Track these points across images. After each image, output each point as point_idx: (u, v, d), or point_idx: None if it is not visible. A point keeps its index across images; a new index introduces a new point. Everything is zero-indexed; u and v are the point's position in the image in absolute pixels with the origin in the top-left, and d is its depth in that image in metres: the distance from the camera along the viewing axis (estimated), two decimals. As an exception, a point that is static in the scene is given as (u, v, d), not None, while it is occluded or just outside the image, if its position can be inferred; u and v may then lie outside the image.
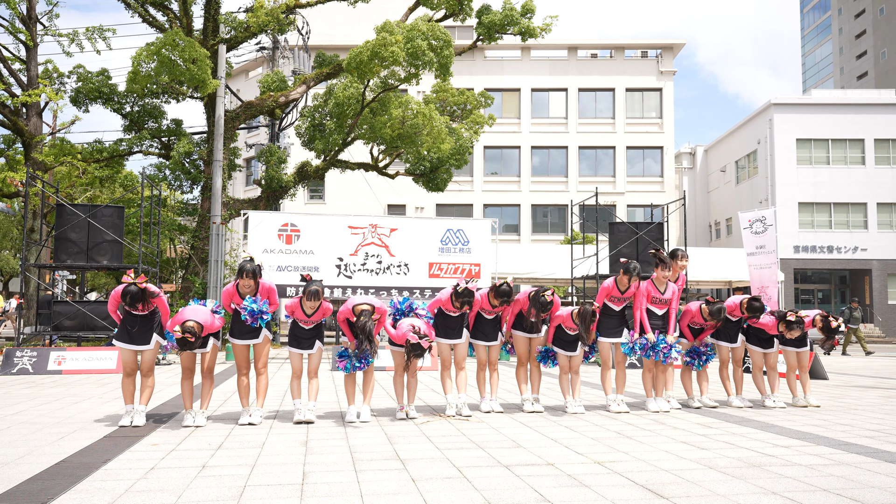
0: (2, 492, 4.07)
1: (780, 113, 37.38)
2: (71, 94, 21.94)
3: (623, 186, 41.84)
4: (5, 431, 6.15)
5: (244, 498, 3.94)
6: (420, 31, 18.91)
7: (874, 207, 36.54)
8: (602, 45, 44.03)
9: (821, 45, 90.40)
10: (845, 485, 4.31)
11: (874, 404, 8.56)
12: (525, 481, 4.37)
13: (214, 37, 21.11)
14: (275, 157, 22.56)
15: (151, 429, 6.30)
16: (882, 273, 35.59)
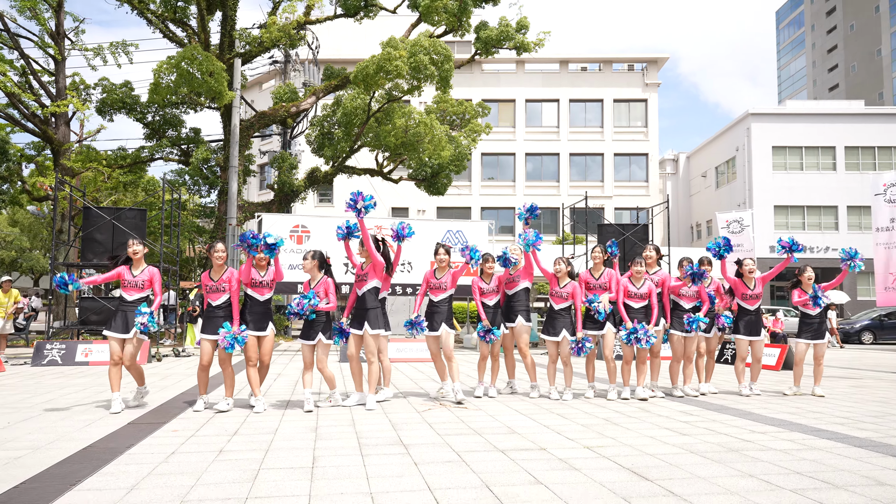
0: (34, 474, 4.08)
1: (757, 122, 37.41)
2: (96, 104, 21.96)
3: (611, 191, 41.86)
4: (36, 418, 6.16)
5: (258, 480, 3.95)
6: (422, 47, 18.92)
7: (844, 210, 36.62)
8: (591, 58, 44.02)
9: (795, 58, 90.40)
10: (817, 468, 4.32)
11: (844, 393, 8.56)
12: (519, 465, 4.38)
13: (230, 51, 21.11)
14: (287, 164, 22.57)
15: (172, 416, 6.30)
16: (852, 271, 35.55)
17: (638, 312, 7.58)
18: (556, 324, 7.65)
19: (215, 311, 6.63)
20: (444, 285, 7.49)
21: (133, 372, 6.82)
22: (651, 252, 8.00)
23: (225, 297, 6.66)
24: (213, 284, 6.64)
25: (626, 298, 7.62)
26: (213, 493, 3.69)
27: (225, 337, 6.37)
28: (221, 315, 6.61)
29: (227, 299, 6.67)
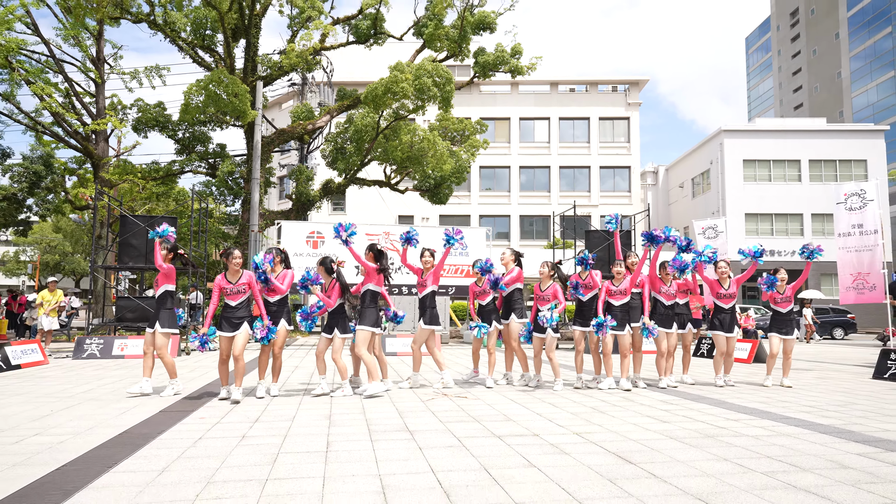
0: (75, 457, 4.08)
1: (730, 138, 37.40)
2: (132, 122, 22.02)
3: (597, 200, 41.85)
4: (77, 407, 6.16)
5: (277, 463, 3.95)
6: (426, 70, 18.95)
7: (809, 218, 36.59)
8: (579, 80, 44.09)
9: (763, 80, 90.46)
10: (786, 452, 4.31)
11: (810, 384, 8.54)
12: (515, 449, 4.37)
13: (253, 75, 21.17)
14: (303, 176, 22.60)
15: (200, 405, 6.30)
16: (816, 273, 35.55)
17: (619, 310, 7.56)
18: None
19: (233, 310, 6.56)
20: (426, 283, 7.64)
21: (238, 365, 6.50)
22: (634, 258, 7.98)
23: (243, 298, 6.61)
24: (231, 287, 6.58)
25: (608, 297, 7.62)
26: (237, 474, 3.69)
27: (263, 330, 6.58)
28: (239, 315, 6.57)
29: (245, 300, 6.62)
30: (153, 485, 3.47)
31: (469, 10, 21.06)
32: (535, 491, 3.39)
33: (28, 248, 50.45)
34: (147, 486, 3.45)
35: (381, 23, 22.11)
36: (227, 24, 19.61)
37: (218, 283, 6.63)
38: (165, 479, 3.59)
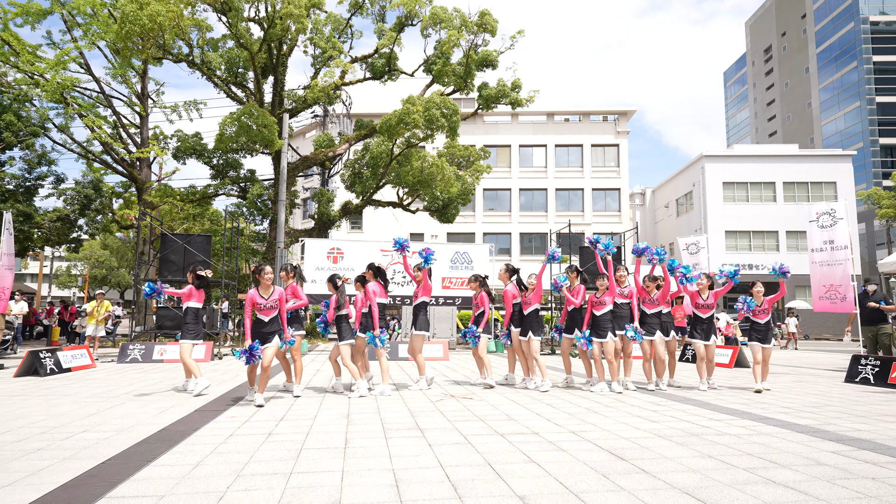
0: (118, 452, 4.09)
1: (710, 162, 37.36)
2: (173, 151, 22.29)
3: (590, 219, 41.79)
4: (120, 406, 6.18)
5: (300, 458, 3.94)
6: (435, 103, 19.11)
7: (784, 234, 36.36)
8: (572, 111, 44.28)
9: (740, 110, 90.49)
10: (765, 450, 4.26)
11: (787, 387, 8.44)
12: (516, 446, 4.34)
13: (280, 107, 21.41)
14: (325, 198, 22.75)
15: (231, 405, 6.31)
16: (791, 285, 35.24)
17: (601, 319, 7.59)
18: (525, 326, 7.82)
19: (265, 325, 6.33)
20: (418, 294, 7.77)
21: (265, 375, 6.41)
22: (623, 272, 7.95)
23: (274, 314, 6.41)
24: (264, 303, 6.33)
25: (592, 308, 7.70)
26: (264, 468, 3.68)
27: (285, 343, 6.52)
28: (271, 329, 6.36)
29: (276, 315, 6.43)
30: (188, 477, 3.47)
31: (473, 49, 21.26)
32: (535, 484, 3.36)
33: (78, 263, 50.87)
34: (183, 478, 3.46)
35: (394, 61, 22.35)
36: (258, 62, 19.90)
37: (251, 299, 6.34)
38: (199, 472, 3.60)
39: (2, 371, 9.98)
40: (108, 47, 20.60)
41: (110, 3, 20.20)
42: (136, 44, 17.07)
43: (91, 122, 19.69)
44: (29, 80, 19.10)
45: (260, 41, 19.33)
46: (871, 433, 4.90)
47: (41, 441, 4.46)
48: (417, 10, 20.87)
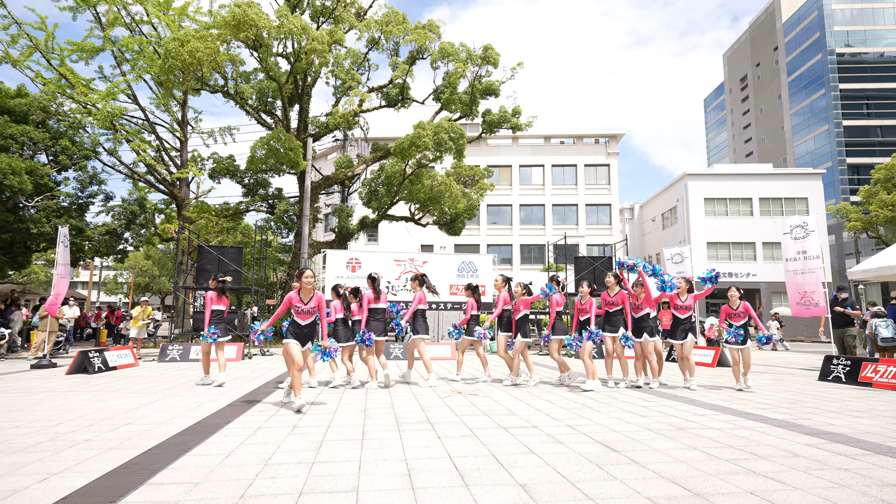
0: (158, 443, 4.10)
1: (693, 180, 37.21)
2: (209, 171, 22.46)
3: (584, 231, 41.68)
4: (160, 401, 6.20)
5: (322, 449, 3.93)
6: (443, 128, 19.20)
7: (760, 245, 36.06)
8: (567, 135, 44.33)
9: (719, 133, 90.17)
10: (746, 443, 4.20)
11: (765, 385, 8.32)
12: (517, 439, 4.31)
13: (304, 132, 21.59)
14: (344, 213, 22.85)
15: (259, 400, 6.30)
16: (767, 291, 34.99)
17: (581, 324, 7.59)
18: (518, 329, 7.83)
19: (302, 328, 5.77)
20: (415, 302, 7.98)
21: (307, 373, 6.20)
22: (611, 278, 7.88)
23: (310, 320, 5.80)
24: (303, 307, 5.72)
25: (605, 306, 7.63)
26: (288, 458, 3.67)
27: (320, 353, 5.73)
28: (308, 333, 5.83)
29: (312, 321, 5.83)
30: (221, 466, 3.47)
31: (478, 79, 21.39)
32: (535, 474, 3.33)
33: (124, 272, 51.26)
34: (216, 467, 3.46)
35: (407, 90, 22.52)
36: (285, 92, 20.11)
37: (290, 299, 5.73)
38: (231, 461, 3.60)
39: (55, 369, 10.05)
40: (152, 80, 20.91)
41: (155, 40, 20.54)
42: (178, 77, 17.31)
43: (137, 147, 19.95)
44: (82, 109, 19.41)
45: (287, 74, 19.55)
46: (843, 427, 4.83)
47: (89, 432, 4.48)
48: (428, 46, 21.04)
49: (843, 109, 61.45)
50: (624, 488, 3.07)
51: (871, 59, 62.18)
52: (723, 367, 11.22)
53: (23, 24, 18.75)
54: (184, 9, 20.90)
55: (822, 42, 63.34)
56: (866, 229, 33.34)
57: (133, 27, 20.47)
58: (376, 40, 21.98)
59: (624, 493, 2.99)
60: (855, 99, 61.53)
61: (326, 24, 21.54)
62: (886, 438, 4.37)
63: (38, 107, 18.09)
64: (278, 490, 3.01)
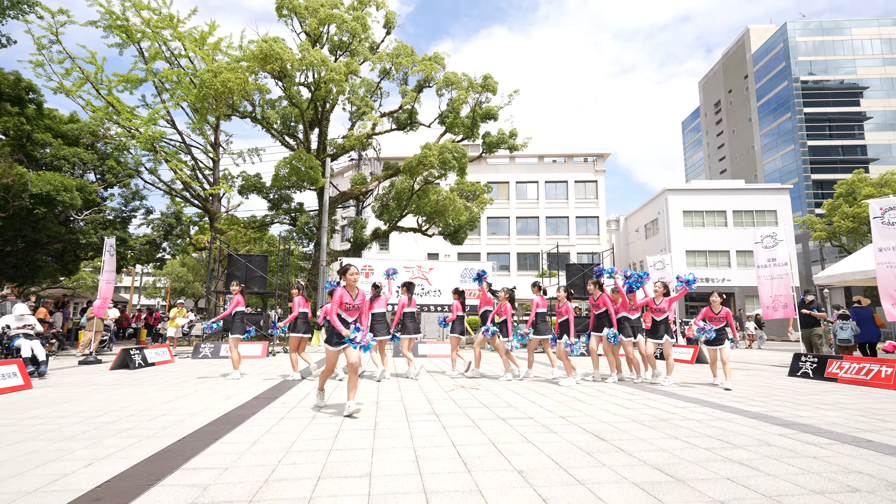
0: (191, 431, 4.10)
1: (672, 195, 37.13)
2: (238, 188, 22.64)
3: (574, 241, 41.58)
4: (194, 394, 6.20)
5: (338, 437, 3.92)
6: (447, 148, 19.28)
7: (734, 253, 35.86)
8: (559, 154, 44.36)
9: (696, 152, 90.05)
10: (723, 433, 4.16)
11: (740, 380, 8.24)
12: (515, 429, 4.28)
13: (323, 153, 21.72)
14: (359, 225, 22.91)
15: (282, 393, 6.29)
16: (741, 295, 34.72)
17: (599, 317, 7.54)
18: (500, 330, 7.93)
19: (350, 325, 4.94)
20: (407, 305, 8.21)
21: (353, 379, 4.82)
22: (591, 285, 7.77)
23: (357, 315, 5.04)
24: (351, 303, 4.94)
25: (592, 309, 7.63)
26: (308, 445, 3.67)
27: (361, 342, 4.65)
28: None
29: (358, 317, 5.06)
30: (247, 453, 3.47)
31: (478, 105, 21.51)
32: (531, 461, 3.31)
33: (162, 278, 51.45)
34: (243, 454, 3.45)
35: (415, 115, 22.65)
36: (306, 118, 20.28)
37: (339, 298, 4.90)
38: (256, 448, 3.59)
39: (100, 365, 10.09)
40: (189, 107, 21.13)
41: (191, 72, 20.78)
42: (211, 104, 17.51)
43: (174, 166, 20.13)
44: (127, 133, 19.62)
45: (308, 101, 19.73)
46: (811, 419, 4.77)
47: (130, 422, 4.49)
48: (434, 75, 21.19)
49: (808, 131, 61.33)
50: (612, 474, 3.04)
51: (832, 86, 62.16)
52: (701, 364, 11.13)
53: (76, 59, 19.03)
54: (217, 44, 21.17)
55: (788, 71, 63.39)
56: (830, 239, 33.11)
57: (172, 60, 20.73)
58: (388, 71, 22.16)
59: (612, 479, 2.96)
60: (818, 121, 61.42)
61: (343, 57, 21.73)
62: (851, 429, 4.32)
63: (87, 131, 18.30)
64: (299, 475, 3.01)
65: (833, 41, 63.22)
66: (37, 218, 15.10)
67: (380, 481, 2.90)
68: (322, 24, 20.46)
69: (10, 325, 8.04)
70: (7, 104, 15.57)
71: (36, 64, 18.39)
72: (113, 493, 2.74)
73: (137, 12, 19.39)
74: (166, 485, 2.85)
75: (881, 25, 62.75)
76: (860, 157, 59.95)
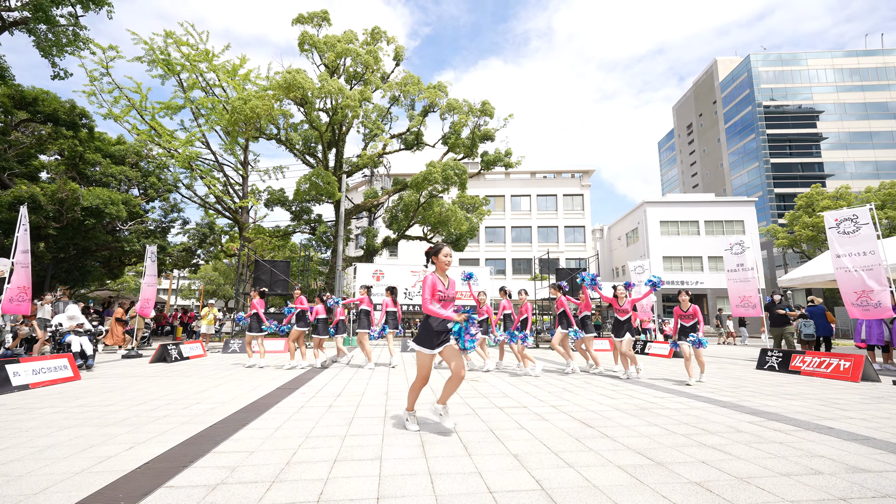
0: (221, 419, 4.08)
1: (650, 207, 37.06)
2: (264, 201, 22.71)
3: (563, 248, 41.49)
4: (224, 385, 6.18)
5: (352, 424, 3.89)
6: (450, 166, 19.32)
7: (706, 259, 35.69)
8: (549, 170, 44.41)
9: (671, 169, 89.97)
10: (698, 421, 4.11)
11: (712, 373, 8.16)
12: (511, 416, 4.24)
13: (340, 170, 21.79)
14: (371, 234, 22.93)
15: (302, 384, 6.27)
16: (713, 296, 34.50)
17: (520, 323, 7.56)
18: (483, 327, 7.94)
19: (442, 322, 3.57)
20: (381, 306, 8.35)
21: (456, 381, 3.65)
22: (551, 288, 7.65)
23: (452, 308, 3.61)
24: (444, 293, 3.57)
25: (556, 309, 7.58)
26: (325, 431, 3.64)
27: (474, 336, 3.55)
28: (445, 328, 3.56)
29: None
30: (271, 438, 3.45)
31: (477, 128, 21.59)
32: (525, 445, 3.28)
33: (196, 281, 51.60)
34: (267, 439, 3.43)
35: (421, 137, 22.74)
36: (325, 139, 20.37)
37: (432, 286, 3.53)
38: (279, 434, 3.57)
39: (141, 358, 10.08)
40: (221, 130, 21.28)
41: (224, 100, 20.96)
42: (241, 128, 17.63)
43: (208, 182, 20.23)
44: (167, 153, 19.77)
45: (327, 124, 19.83)
46: (777, 408, 4.71)
47: (166, 410, 4.47)
48: (437, 101, 21.31)
49: (770, 150, 61.34)
50: (598, 458, 3.01)
51: (791, 110, 62.20)
52: (678, 358, 11.03)
53: (123, 89, 19.23)
54: (247, 75, 21.37)
55: (752, 97, 63.50)
56: (792, 246, 32.98)
57: (207, 89, 20.91)
58: (397, 98, 22.29)
59: (598, 462, 2.93)
60: (780, 141, 61.41)
61: (358, 86, 21.88)
62: (813, 417, 4.26)
63: (132, 152, 18.46)
64: (317, 458, 2.99)
65: (792, 70, 63.34)
66: (87, 228, 15.18)
67: (389, 463, 2.88)
68: (339, 57, 20.64)
69: (62, 323, 8.06)
70: (63, 128, 15.73)
71: (88, 93, 18.59)
72: (152, 473, 2.72)
73: (178, 48, 19.62)
74: (199, 466, 2.83)
75: (833, 56, 62.91)
76: (818, 173, 59.83)
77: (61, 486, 2.53)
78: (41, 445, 3.26)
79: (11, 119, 15.14)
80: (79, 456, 3.04)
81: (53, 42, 12.42)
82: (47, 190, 13.73)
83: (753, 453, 3.13)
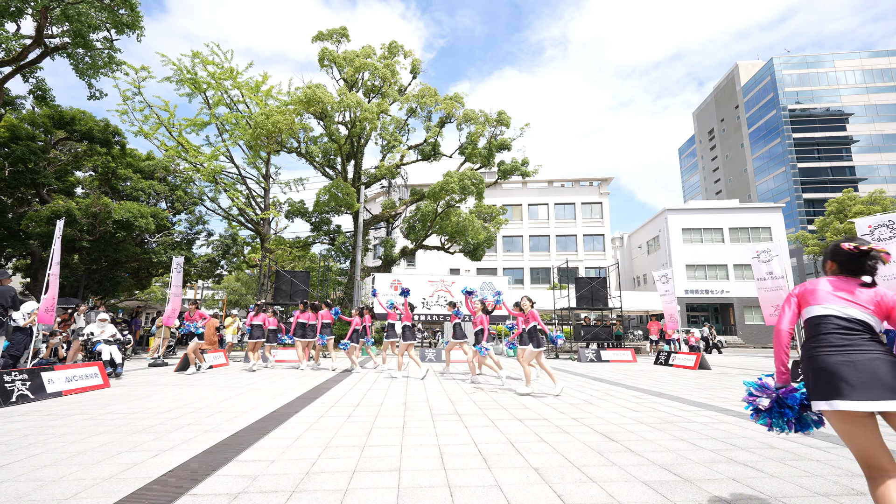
0: (242, 427, 4.12)
1: (672, 214, 36.30)
2: (285, 213, 23.14)
3: (582, 257, 40.91)
4: (245, 394, 6.27)
5: (371, 435, 3.88)
6: (466, 175, 19.38)
7: (732, 267, 34.62)
8: (566, 179, 44.08)
9: (693, 175, 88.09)
10: (727, 435, 3.95)
11: (739, 385, 7.85)
12: (531, 429, 4.17)
13: (358, 181, 22.12)
14: (389, 244, 23.10)
15: (322, 393, 6.30)
16: (740, 306, 33.36)
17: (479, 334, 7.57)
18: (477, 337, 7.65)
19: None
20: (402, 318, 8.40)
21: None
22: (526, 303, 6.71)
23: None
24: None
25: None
26: (344, 441, 3.64)
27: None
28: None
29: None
30: (291, 447, 3.47)
31: (494, 137, 21.65)
32: (546, 459, 3.20)
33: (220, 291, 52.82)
34: (287, 448, 3.45)
35: (437, 147, 22.93)
36: (343, 151, 20.75)
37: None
38: (299, 443, 3.59)
39: (166, 367, 10.33)
40: (245, 144, 21.91)
41: (247, 115, 21.63)
42: (263, 142, 18.13)
43: (232, 195, 20.80)
44: (193, 168, 20.46)
45: (345, 137, 20.21)
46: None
47: (190, 418, 4.56)
48: (454, 112, 21.49)
49: (797, 154, 59.48)
50: (622, 473, 2.92)
51: (818, 113, 60.30)
52: (704, 370, 10.68)
53: (153, 107, 20.08)
54: (269, 91, 22.03)
55: (776, 100, 61.91)
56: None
57: (231, 106, 21.63)
58: (414, 110, 22.58)
59: (622, 477, 2.84)
60: (807, 145, 59.51)
61: (375, 99, 22.28)
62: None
63: (161, 167, 19.16)
64: (336, 468, 2.98)
65: (818, 73, 61.58)
66: (118, 240, 15.77)
67: (408, 475, 2.85)
68: (357, 72, 21.09)
69: (93, 332, 8.35)
70: (98, 146, 16.48)
71: (121, 112, 19.48)
72: (176, 481, 2.77)
73: (204, 67, 20.41)
74: (221, 475, 2.87)
75: (862, 57, 60.93)
76: (849, 177, 57.65)
77: (91, 492, 2.60)
78: (72, 451, 3.36)
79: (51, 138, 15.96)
80: (107, 462, 3.12)
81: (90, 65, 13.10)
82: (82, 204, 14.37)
83: (788, 471, 2.98)
